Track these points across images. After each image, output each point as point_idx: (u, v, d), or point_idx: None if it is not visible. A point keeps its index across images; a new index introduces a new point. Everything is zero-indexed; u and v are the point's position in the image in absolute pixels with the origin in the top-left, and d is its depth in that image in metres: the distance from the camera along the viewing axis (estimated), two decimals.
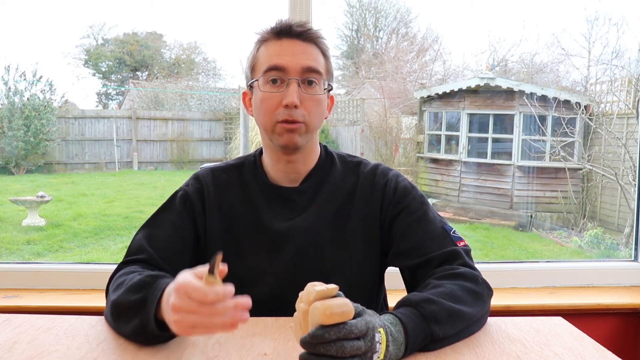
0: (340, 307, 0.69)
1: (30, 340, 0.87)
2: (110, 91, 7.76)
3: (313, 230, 1.07)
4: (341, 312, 0.69)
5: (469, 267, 0.98)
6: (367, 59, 7.21)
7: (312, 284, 0.74)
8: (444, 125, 6.05)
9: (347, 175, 1.12)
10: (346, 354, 0.68)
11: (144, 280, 0.87)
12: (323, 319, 0.68)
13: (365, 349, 0.70)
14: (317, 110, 1.05)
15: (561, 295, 1.73)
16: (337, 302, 0.70)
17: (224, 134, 6.83)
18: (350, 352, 0.69)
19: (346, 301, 0.70)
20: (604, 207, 5.08)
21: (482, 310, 0.93)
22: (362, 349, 0.70)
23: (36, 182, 5.82)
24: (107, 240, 4.76)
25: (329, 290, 0.71)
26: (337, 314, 0.69)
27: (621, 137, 4.57)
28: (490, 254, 4.73)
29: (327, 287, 0.72)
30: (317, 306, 0.70)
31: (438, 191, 6.12)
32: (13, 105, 5.54)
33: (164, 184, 6.30)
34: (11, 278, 1.74)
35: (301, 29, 1.05)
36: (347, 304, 0.70)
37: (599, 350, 0.85)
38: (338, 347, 0.68)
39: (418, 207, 1.07)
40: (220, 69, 7.72)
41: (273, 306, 1.04)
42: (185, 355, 0.82)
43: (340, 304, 0.70)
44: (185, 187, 1.13)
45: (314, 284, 0.74)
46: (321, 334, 0.68)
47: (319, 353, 0.69)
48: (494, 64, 5.81)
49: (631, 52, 4.71)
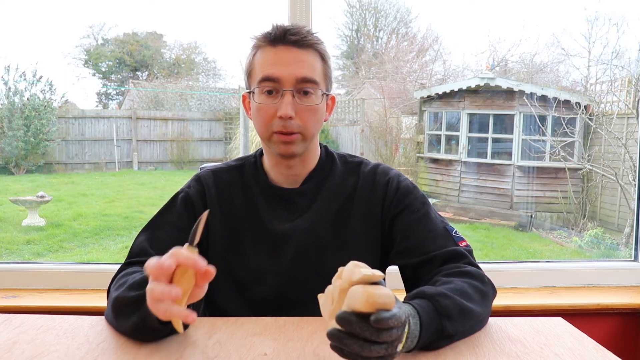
0: (383, 298, 0.66)
1: (30, 340, 0.87)
2: (110, 91, 7.76)
3: (314, 231, 1.07)
4: (383, 303, 0.66)
5: (474, 266, 0.98)
6: (367, 59, 7.21)
7: (356, 264, 0.71)
8: (444, 125, 6.05)
9: (347, 176, 1.12)
10: (379, 339, 0.67)
11: (144, 278, 0.87)
12: (364, 306, 0.66)
13: (395, 337, 0.69)
14: (313, 120, 1.04)
15: (561, 295, 1.73)
16: (381, 292, 0.66)
17: (224, 134, 6.83)
18: (383, 338, 0.67)
19: (389, 292, 0.67)
20: (604, 207, 5.08)
21: (487, 310, 0.93)
22: (393, 337, 0.68)
23: (36, 182, 5.82)
24: (107, 240, 4.76)
25: (374, 276, 0.68)
26: (380, 304, 0.66)
27: (621, 137, 4.57)
28: (490, 254, 4.73)
29: (374, 273, 0.68)
30: (358, 290, 0.66)
31: (438, 191, 6.12)
32: (13, 105, 5.54)
33: (164, 184, 6.30)
34: (11, 278, 1.74)
35: (296, 36, 1.03)
36: (390, 296, 0.67)
37: (599, 350, 0.85)
38: (372, 331, 0.66)
39: (419, 207, 1.07)
40: (220, 69, 7.73)
41: (274, 306, 1.04)
42: (185, 355, 0.82)
43: (384, 294, 0.66)
44: (187, 188, 1.13)
45: (358, 264, 0.71)
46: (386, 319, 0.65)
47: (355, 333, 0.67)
48: (494, 64, 5.81)
49: (631, 52, 4.72)
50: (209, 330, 0.91)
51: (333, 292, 0.73)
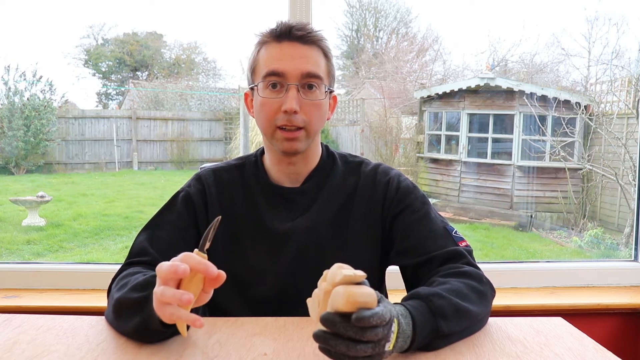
0: (364, 297, 0.67)
1: (30, 340, 0.87)
2: (110, 91, 7.76)
3: (314, 230, 1.07)
4: (364, 302, 0.67)
5: (473, 266, 0.98)
6: (367, 59, 7.21)
7: (339, 265, 0.71)
8: (444, 125, 6.05)
9: (348, 175, 1.12)
10: (364, 338, 0.67)
11: (148, 280, 0.87)
12: (345, 306, 0.66)
13: (381, 336, 0.69)
14: (317, 115, 1.05)
15: (561, 295, 1.73)
16: (362, 291, 0.67)
17: (224, 134, 6.83)
18: (368, 337, 0.67)
19: (371, 291, 0.68)
20: (604, 207, 5.08)
21: (485, 310, 0.93)
22: (379, 336, 0.68)
23: (36, 182, 5.82)
24: (107, 240, 4.75)
25: (356, 277, 0.69)
26: (360, 303, 0.66)
27: (621, 137, 4.57)
28: (490, 254, 4.73)
29: (355, 273, 0.69)
30: (340, 291, 0.67)
31: (438, 191, 6.12)
32: (13, 105, 5.54)
33: (164, 184, 6.30)
34: (11, 278, 1.74)
35: (301, 32, 1.04)
36: (372, 295, 0.67)
37: (599, 350, 0.85)
38: (357, 330, 0.67)
39: (420, 207, 1.07)
40: (220, 69, 7.72)
41: (274, 306, 1.04)
42: (185, 355, 0.82)
43: (364, 293, 0.67)
44: (187, 187, 1.13)
45: (341, 266, 0.71)
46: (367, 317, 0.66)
47: (339, 333, 0.67)
48: (494, 64, 5.81)
49: (631, 52, 4.72)
50: (209, 330, 0.91)
51: (319, 295, 0.73)
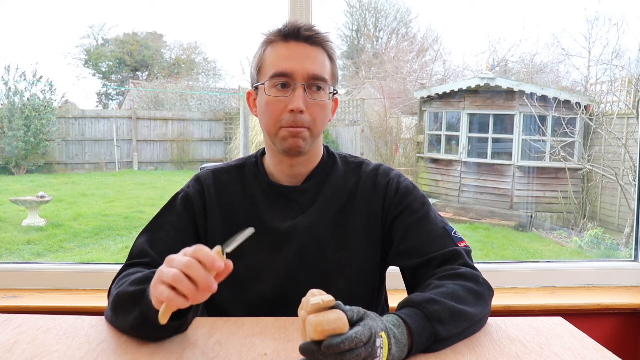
0: (331, 324, 0.68)
1: (30, 340, 0.87)
2: (110, 91, 7.77)
3: (314, 229, 1.07)
4: (332, 329, 0.68)
5: (469, 267, 0.98)
6: (367, 59, 7.22)
7: (311, 292, 0.73)
8: (444, 125, 6.05)
9: (348, 176, 1.12)
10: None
11: (147, 275, 0.87)
12: (316, 335, 0.68)
13: (364, 355, 0.70)
14: (322, 115, 1.05)
15: (561, 295, 1.73)
16: (330, 318, 0.68)
17: (224, 134, 6.83)
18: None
19: (339, 316, 0.69)
20: (604, 207, 5.08)
21: (483, 310, 0.93)
22: (362, 355, 0.69)
23: (36, 182, 5.82)
24: (107, 240, 4.76)
25: (324, 303, 0.70)
26: (328, 331, 0.68)
27: (621, 137, 4.57)
28: (490, 254, 4.73)
29: (322, 300, 0.70)
30: (310, 320, 0.69)
31: (438, 191, 6.12)
32: (13, 105, 5.54)
33: (164, 184, 6.30)
34: (11, 278, 1.74)
35: (309, 32, 1.04)
36: (339, 320, 0.69)
37: (599, 350, 0.85)
38: (335, 356, 0.68)
39: (419, 207, 1.07)
40: (220, 69, 7.73)
41: (274, 305, 1.04)
42: (185, 355, 0.82)
43: (331, 319, 0.68)
44: (186, 188, 1.13)
45: (312, 293, 0.72)
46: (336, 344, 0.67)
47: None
48: (494, 64, 5.81)
49: (631, 52, 4.72)
50: (209, 330, 0.91)
51: (300, 324, 0.74)
